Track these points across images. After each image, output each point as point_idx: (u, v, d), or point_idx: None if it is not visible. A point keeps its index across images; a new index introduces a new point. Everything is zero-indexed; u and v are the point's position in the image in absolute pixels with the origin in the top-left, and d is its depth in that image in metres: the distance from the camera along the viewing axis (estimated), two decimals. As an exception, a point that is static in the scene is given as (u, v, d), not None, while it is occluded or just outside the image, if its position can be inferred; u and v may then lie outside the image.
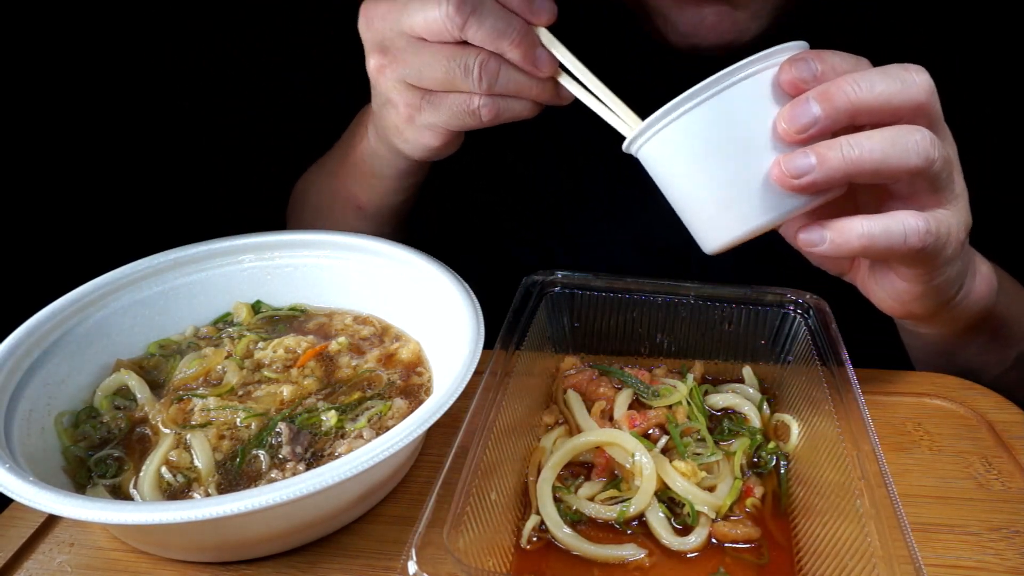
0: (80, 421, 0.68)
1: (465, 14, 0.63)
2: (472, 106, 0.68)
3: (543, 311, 0.77)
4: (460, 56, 0.65)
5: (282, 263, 0.84)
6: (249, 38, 1.45)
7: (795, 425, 0.70)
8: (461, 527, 0.54)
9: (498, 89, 0.67)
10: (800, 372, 0.73)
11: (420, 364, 0.75)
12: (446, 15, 0.63)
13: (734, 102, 0.56)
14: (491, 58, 0.65)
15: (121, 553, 0.63)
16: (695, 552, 0.61)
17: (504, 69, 0.66)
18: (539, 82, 0.68)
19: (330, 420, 0.67)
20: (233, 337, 0.78)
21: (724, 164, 0.58)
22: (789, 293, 0.77)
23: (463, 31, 0.64)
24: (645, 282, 0.79)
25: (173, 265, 0.79)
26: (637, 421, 0.69)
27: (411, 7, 0.66)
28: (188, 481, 0.63)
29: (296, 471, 0.63)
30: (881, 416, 0.75)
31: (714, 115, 0.57)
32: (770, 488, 0.67)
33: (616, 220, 0.97)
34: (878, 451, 0.59)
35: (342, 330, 0.80)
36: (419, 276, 0.78)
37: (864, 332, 0.78)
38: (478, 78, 0.66)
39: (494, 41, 0.64)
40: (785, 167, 0.56)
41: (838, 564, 0.55)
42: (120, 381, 0.72)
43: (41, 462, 0.63)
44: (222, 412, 0.68)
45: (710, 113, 0.56)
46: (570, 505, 0.64)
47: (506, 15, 0.64)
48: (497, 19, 0.64)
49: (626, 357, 0.81)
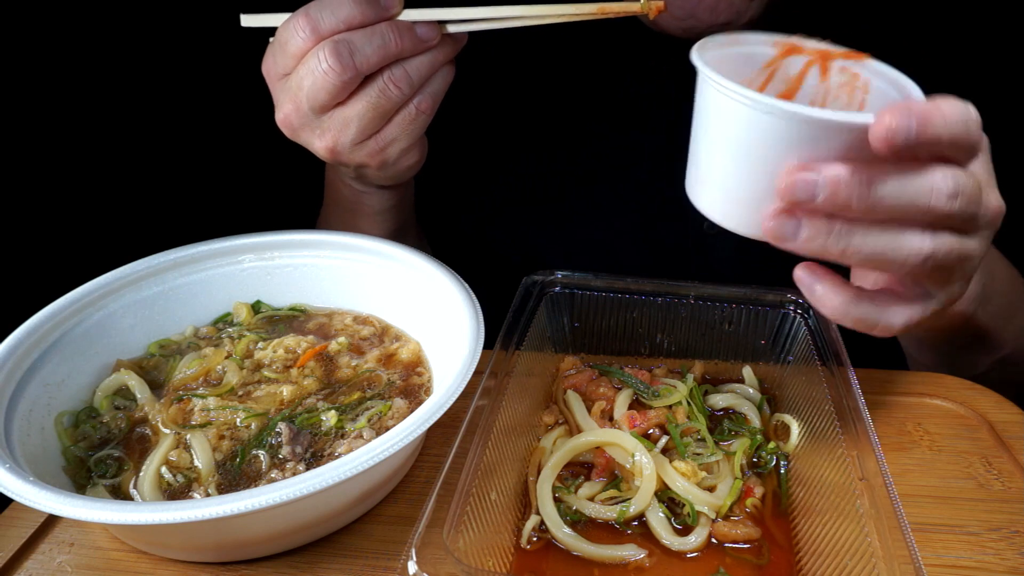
0: (80, 421, 0.68)
1: (347, 59, 0.68)
2: (412, 112, 0.73)
3: (543, 311, 0.77)
4: (372, 89, 0.71)
5: (282, 263, 0.84)
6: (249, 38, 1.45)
7: (795, 425, 0.70)
8: (461, 527, 0.54)
9: (417, 82, 0.72)
10: (800, 372, 0.73)
11: (420, 364, 0.75)
12: (335, 74, 0.68)
13: (803, 133, 0.53)
14: (393, 68, 0.71)
15: (121, 553, 0.63)
16: (695, 552, 0.61)
17: (407, 65, 0.71)
18: (437, 49, 0.72)
19: (330, 420, 0.67)
20: (233, 337, 0.78)
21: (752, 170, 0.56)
22: (789, 293, 0.77)
23: (357, 71, 0.69)
24: (645, 282, 0.79)
25: (173, 265, 0.79)
26: (637, 421, 0.69)
27: (305, 90, 0.70)
28: (188, 481, 0.63)
29: (296, 471, 0.63)
30: (881, 416, 0.75)
31: (783, 133, 0.53)
32: (770, 488, 0.67)
33: (616, 219, 0.97)
34: (878, 451, 0.59)
35: (342, 330, 0.80)
36: (419, 276, 0.78)
37: (864, 332, 0.77)
38: (397, 90, 0.71)
39: (383, 58, 0.70)
40: (772, 223, 0.53)
41: (838, 564, 0.55)
42: (120, 381, 0.72)
43: (41, 462, 0.63)
44: (222, 412, 0.68)
45: (782, 129, 0.53)
46: (570, 505, 0.64)
47: (372, 31, 0.69)
48: (371, 38, 0.69)
49: (626, 357, 0.81)
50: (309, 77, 0.69)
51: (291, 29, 0.70)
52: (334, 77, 0.68)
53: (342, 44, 0.68)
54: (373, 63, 0.69)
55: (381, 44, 0.69)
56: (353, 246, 0.82)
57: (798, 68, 0.62)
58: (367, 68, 0.69)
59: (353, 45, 0.68)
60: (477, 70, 0.94)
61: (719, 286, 0.78)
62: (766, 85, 0.62)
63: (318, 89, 0.69)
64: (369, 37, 0.69)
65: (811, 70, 0.61)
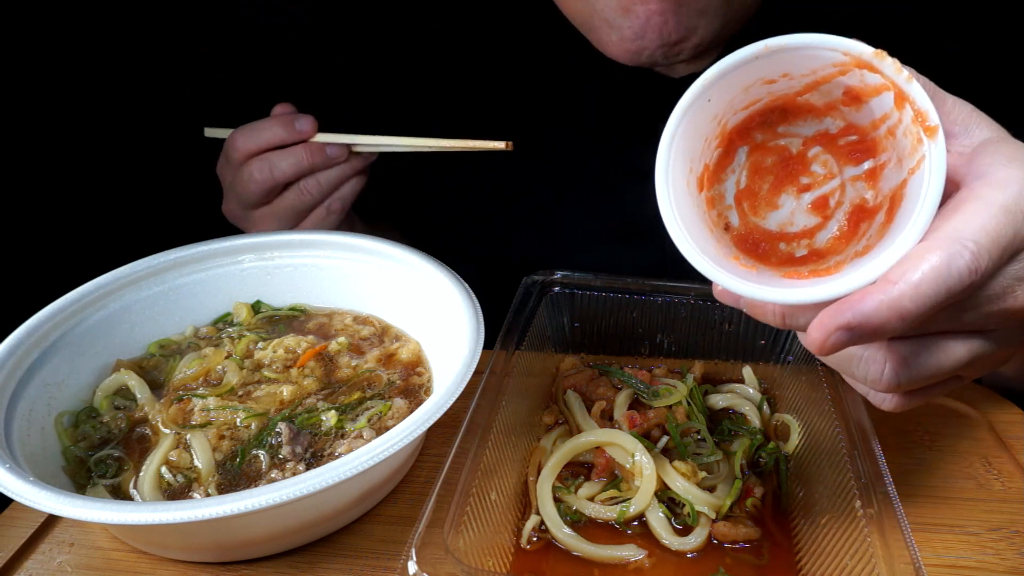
0: (80, 421, 0.68)
1: (267, 172, 0.87)
2: (323, 212, 0.91)
3: (543, 311, 0.77)
4: (290, 194, 0.89)
5: (282, 263, 0.84)
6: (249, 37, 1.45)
7: (795, 425, 0.70)
8: (461, 527, 0.54)
9: (327, 190, 0.90)
10: (800, 372, 0.73)
11: (420, 364, 0.75)
12: (258, 184, 0.87)
13: None
14: (307, 179, 0.89)
15: (121, 553, 0.63)
16: (695, 552, 0.61)
17: (319, 177, 0.89)
18: (346, 164, 0.90)
19: (330, 420, 0.67)
20: (233, 337, 0.78)
21: None
22: (789, 293, 0.76)
23: (276, 181, 0.87)
24: (645, 282, 0.79)
25: (173, 265, 0.79)
26: (637, 421, 0.69)
27: (239, 193, 0.89)
28: (188, 481, 0.63)
29: (296, 471, 0.63)
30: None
31: None
32: (770, 488, 0.67)
33: (615, 219, 0.97)
34: (878, 451, 0.59)
35: (342, 330, 0.80)
36: (419, 276, 0.78)
37: None
38: (310, 196, 0.89)
39: (297, 172, 0.88)
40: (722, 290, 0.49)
41: (838, 564, 0.55)
42: (120, 381, 0.72)
43: (41, 462, 0.63)
44: (222, 412, 0.68)
45: None
46: (570, 505, 0.64)
47: (290, 151, 0.87)
48: (287, 157, 0.87)
49: (626, 357, 0.81)
50: (241, 184, 0.88)
51: (231, 145, 0.88)
52: (257, 186, 0.87)
53: (264, 161, 0.87)
54: (288, 175, 0.87)
55: (295, 161, 0.87)
56: (353, 246, 0.82)
57: (796, 148, 0.52)
58: (284, 179, 0.87)
59: (272, 162, 0.87)
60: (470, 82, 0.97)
61: (719, 286, 0.78)
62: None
63: (249, 193, 0.88)
64: (286, 156, 0.87)
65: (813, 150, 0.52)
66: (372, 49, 1.05)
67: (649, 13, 0.77)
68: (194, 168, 1.52)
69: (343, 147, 0.89)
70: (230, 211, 0.94)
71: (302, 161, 0.87)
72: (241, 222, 0.94)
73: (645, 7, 0.77)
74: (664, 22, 0.78)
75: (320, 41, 1.37)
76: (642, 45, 0.80)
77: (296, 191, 0.89)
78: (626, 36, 0.80)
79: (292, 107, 0.91)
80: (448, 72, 1.00)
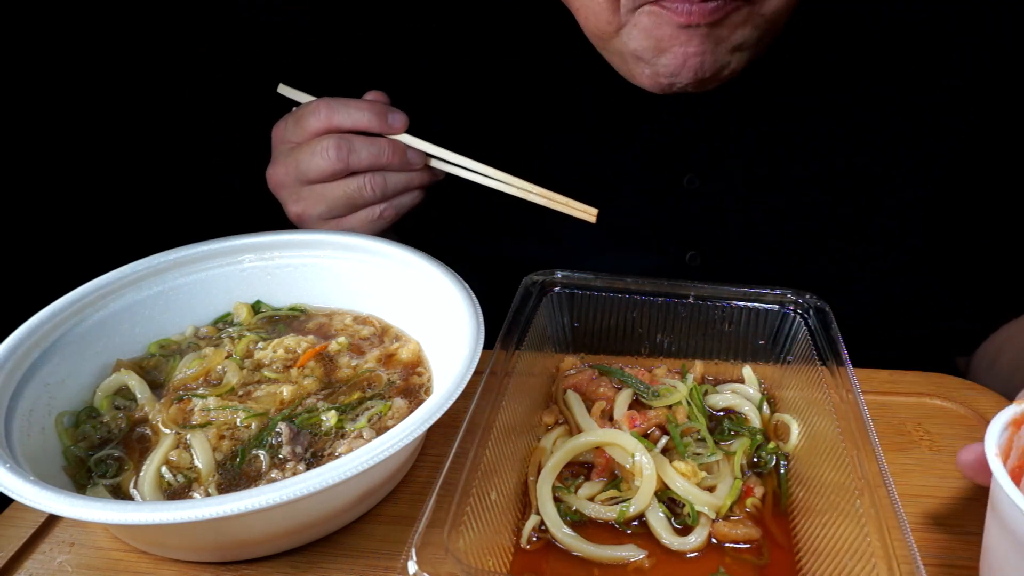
0: (80, 421, 0.68)
1: (344, 154, 0.81)
2: (375, 214, 0.86)
3: (543, 311, 0.77)
4: (353, 183, 0.83)
5: (282, 263, 0.84)
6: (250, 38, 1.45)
7: (795, 425, 0.70)
8: (461, 527, 0.54)
9: (390, 193, 0.85)
10: (800, 372, 0.73)
11: (420, 364, 0.75)
12: (330, 162, 0.81)
13: None
14: (376, 174, 0.83)
15: (121, 553, 0.63)
16: (695, 552, 0.61)
17: (388, 177, 0.84)
18: (417, 174, 0.86)
19: (330, 420, 0.67)
20: (233, 337, 0.78)
21: None
22: (789, 293, 0.77)
23: (348, 166, 0.82)
24: (645, 282, 0.79)
25: (173, 265, 0.79)
26: (637, 421, 0.69)
27: (302, 163, 0.83)
28: (188, 481, 0.63)
29: (296, 471, 0.63)
30: (881, 416, 0.75)
31: None
32: (770, 488, 0.67)
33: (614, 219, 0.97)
34: (878, 451, 0.59)
35: (342, 330, 0.80)
36: (419, 276, 0.78)
37: (864, 332, 0.78)
38: (372, 193, 0.84)
39: (372, 165, 0.83)
40: None
41: (838, 564, 0.55)
42: (120, 381, 0.72)
43: (41, 462, 0.63)
44: (222, 412, 0.68)
45: None
46: (570, 505, 0.64)
47: (373, 141, 0.82)
48: (369, 145, 0.82)
49: (626, 357, 0.81)
50: (309, 155, 0.82)
51: (312, 112, 0.82)
52: (327, 164, 0.81)
53: (344, 141, 0.81)
54: (363, 166, 0.83)
55: (376, 153, 0.82)
56: (353, 246, 0.82)
57: None
58: (356, 167, 0.82)
59: (353, 145, 0.81)
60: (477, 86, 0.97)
61: (719, 286, 0.78)
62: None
63: (312, 167, 0.82)
64: (367, 145, 0.82)
65: None
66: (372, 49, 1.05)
67: (686, 55, 0.77)
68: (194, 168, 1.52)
69: (422, 156, 0.85)
70: (277, 178, 0.87)
71: (382, 156, 0.82)
72: (284, 191, 0.87)
73: (684, 49, 0.76)
74: (700, 63, 0.77)
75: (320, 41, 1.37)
76: (674, 81, 0.80)
77: (359, 182, 0.83)
78: (660, 72, 0.79)
79: (386, 96, 0.86)
80: (448, 72, 1.00)
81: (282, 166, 0.85)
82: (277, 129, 0.87)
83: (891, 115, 0.90)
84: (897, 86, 0.90)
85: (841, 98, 0.90)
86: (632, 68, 0.82)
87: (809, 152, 0.92)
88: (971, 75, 0.89)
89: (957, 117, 0.90)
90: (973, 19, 0.90)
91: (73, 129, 1.41)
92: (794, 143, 0.91)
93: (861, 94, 0.90)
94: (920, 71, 0.90)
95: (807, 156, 0.92)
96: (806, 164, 0.92)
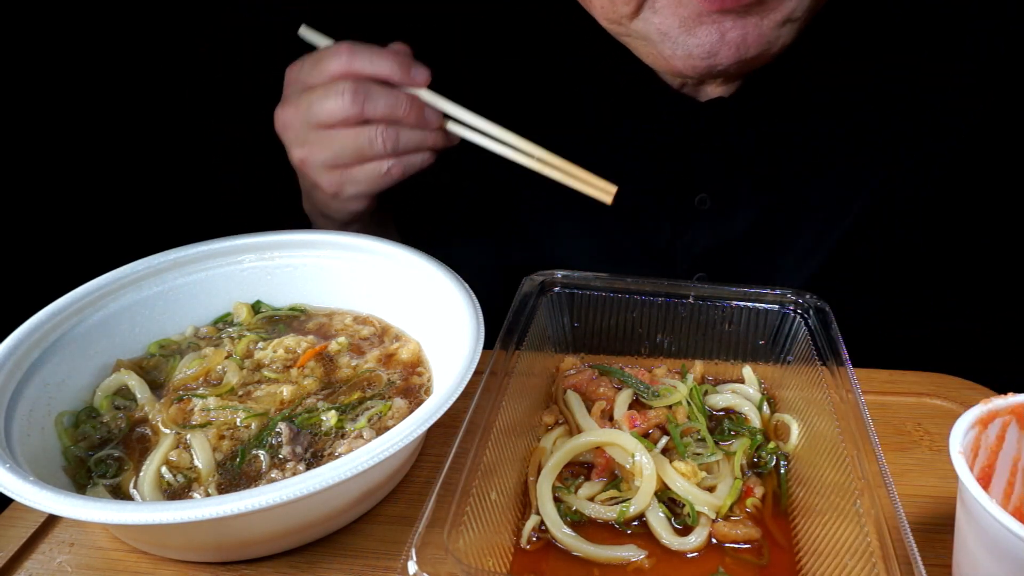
0: (80, 421, 0.68)
1: (361, 100, 0.76)
2: (383, 169, 0.81)
3: (543, 311, 0.77)
4: (364, 132, 0.78)
5: (282, 263, 0.84)
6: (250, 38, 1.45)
7: (795, 425, 0.70)
8: (461, 527, 0.54)
9: (400, 149, 0.80)
10: (800, 372, 0.73)
11: (420, 364, 0.75)
12: (343, 108, 0.76)
13: None
14: (389, 127, 0.79)
15: (121, 553, 0.63)
16: (695, 552, 0.61)
17: (401, 132, 0.79)
18: (431, 133, 0.81)
19: (330, 420, 0.67)
20: (233, 337, 0.78)
21: None
22: (789, 293, 0.77)
23: (363, 113, 0.77)
24: (645, 282, 0.79)
25: (173, 265, 0.79)
26: (637, 421, 0.69)
27: (315, 104, 0.78)
28: (188, 481, 0.63)
29: (296, 471, 0.63)
30: (881, 416, 0.75)
31: None
32: (770, 488, 0.67)
33: (613, 219, 0.97)
34: (878, 451, 0.59)
35: (342, 330, 0.80)
36: (419, 276, 0.78)
37: (864, 332, 0.78)
38: (383, 146, 0.79)
39: (387, 116, 0.78)
40: None
41: (838, 564, 0.55)
42: (120, 381, 0.72)
43: (41, 462, 0.63)
44: (222, 412, 0.68)
45: None
46: (570, 505, 0.64)
47: (391, 92, 0.78)
48: (387, 96, 0.77)
49: (626, 357, 0.81)
50: (323, 96, 0.77)
51: (333, 54, 0.78)
52: (340, 109, 0.76)
53: (362, 87, 0.77)
54: (378, 116, 0.78)
55: (393, 104, 0.77)
56: (353, 246, 0.82)
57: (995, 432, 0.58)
58: (371, 116, 0.78)
59: (371, 93, 0.77)
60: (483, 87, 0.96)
61: (719, 286, 0.78)
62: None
63: (324, 110, 0.77)
64: (386, 95, 0.77)
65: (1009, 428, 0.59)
66: None
67: (723, 31, 0.72)
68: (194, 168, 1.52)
69: (439, 116, 0.81)
70: (285, 118, 0.82)
71: (399, 108, 0.78)
72: (290, 133, 0.82)
73: (717, 26, 0.72)
74: (742, 39, 0.72)
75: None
76: (713, 63, 0.75)
77: (371, 133, 0.78)
78: (695, 54, 0.74)
79: (409, 49, 0.82)
80: (448, 72, 1.00)
81: (292, 106, 0.81)
82: (292, 69, 0.83)
83: (894, 114, 0.90)
84: (908, 74, 0.87)
85: (846, 94, 0.89)
86: (662, 50, 0.76)
87: (809, 152, 0.92)
88: (984, 59, 0.88)
89: (960, 115, 0.90)
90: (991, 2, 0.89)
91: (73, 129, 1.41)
92: (794, 143, 0.91)
93: (868, 88, 0.89)
94: (934, 55, 0.87)
95: (807, 155, 0.92)
96: (806, 163, 0.92)
